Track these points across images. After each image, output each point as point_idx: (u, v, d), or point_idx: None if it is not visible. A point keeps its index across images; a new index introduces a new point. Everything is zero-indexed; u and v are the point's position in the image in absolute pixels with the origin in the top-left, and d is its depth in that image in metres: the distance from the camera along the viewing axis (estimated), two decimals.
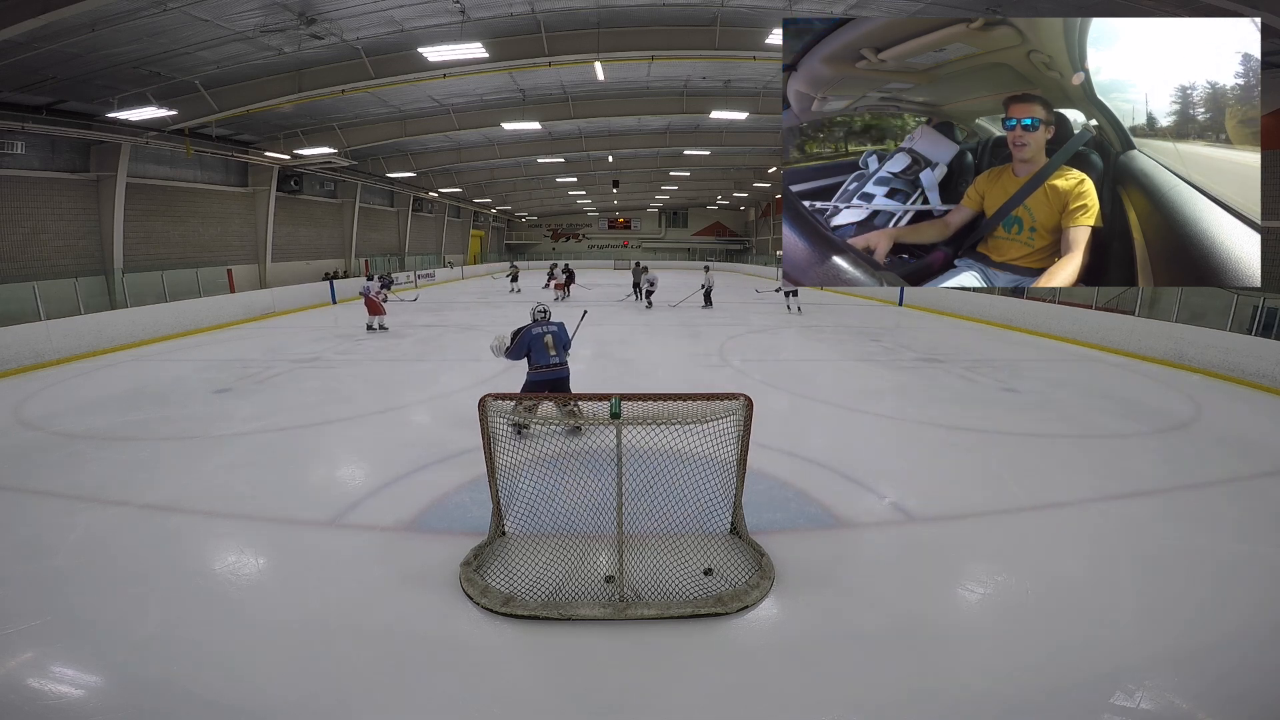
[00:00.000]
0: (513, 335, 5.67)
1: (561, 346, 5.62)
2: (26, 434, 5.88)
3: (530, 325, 5.66)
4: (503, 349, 5.68)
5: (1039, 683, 2.59)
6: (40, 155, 12.14)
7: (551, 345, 5.54)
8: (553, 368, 5.51)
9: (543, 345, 5.51)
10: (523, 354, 5.54)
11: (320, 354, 10.01)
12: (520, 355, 5.55)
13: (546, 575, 3.24)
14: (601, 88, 14.79)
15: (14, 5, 7.45)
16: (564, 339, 5.71)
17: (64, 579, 3.33)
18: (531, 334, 5.54)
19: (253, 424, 6.19)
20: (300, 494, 4.49)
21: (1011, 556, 3.65)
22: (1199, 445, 5.75)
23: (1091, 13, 7.85)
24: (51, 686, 2.55)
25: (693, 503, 3.48)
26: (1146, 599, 3.23)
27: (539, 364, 5.49)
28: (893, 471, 4.93)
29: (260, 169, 17.84)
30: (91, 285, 12.02)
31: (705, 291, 17.46)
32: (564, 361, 5.62)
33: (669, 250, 46.78)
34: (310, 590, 3.27)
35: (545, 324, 5.69)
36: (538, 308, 5.89)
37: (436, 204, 30.84)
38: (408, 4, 9.41)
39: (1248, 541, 3.86)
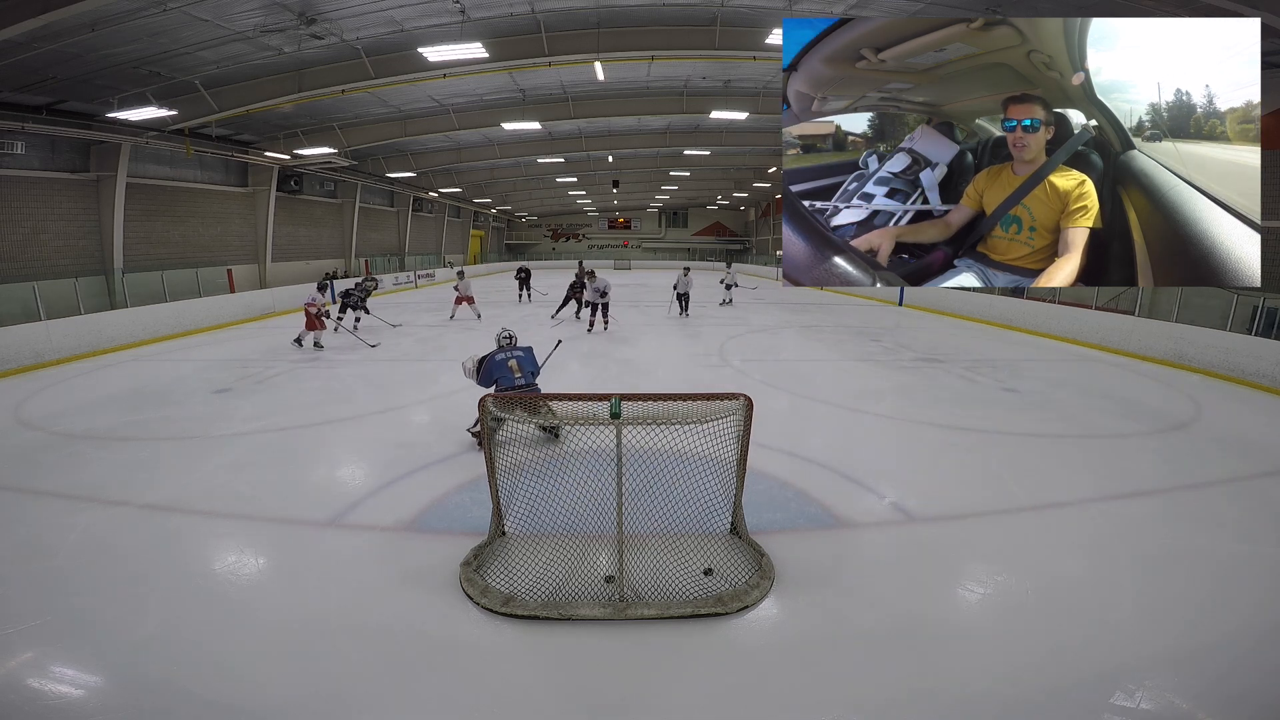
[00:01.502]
0: (478, 363, 5.42)
1: (529, 372, 5.41)
2: (26, 434, 5.87)
3: (495, 351, 5.47)
4: (474, 373, 5.41)
5: (1039, 683, 2.59)
6: (40, 155, 12.14)
7: (517, 369, 5.34)
8: (518, 388, 5.23)
9: (507, 369, 5.32)
10: (490, 382, 5.26)
11: (320, 354, 10.00)
12: (487, 383, 5.27)
13: (546, 575, 3.23)
14: (601, 88, 14.79)
15: (14, 5, 7.45)
16: (530, 364, 5.49)
17: (64, 579, 3.33)
18: (495, 360, 5.34)
19: (253, 424, 6.19)
20: (300, 494, 4.49)
21: (1011, 556, 3.65)
22: (1199, 445, 5.75)
23: (1091, 13, 7.84)
24: (51, 686, 2.55)
25: (693, 503, 3.48)
26: (1146, 599, 3.23)
27: (504, 386, 5.22)
28: (893, 471, 4.93)
29: (260, 169, 17.84)
30: (91, 285, 12.02)
31: (679, 296, 14.78)
32: (531, 383, 5.37)
33: (669, 250, 46.80)
34: (310, 590, 3.27)
35: (511, 349, 5.50)
36: (503, 333, 5.66)
37: (436, 204, 30.84)
38: (408, 4, 9.41)
39: (1248, 541, 3.86)
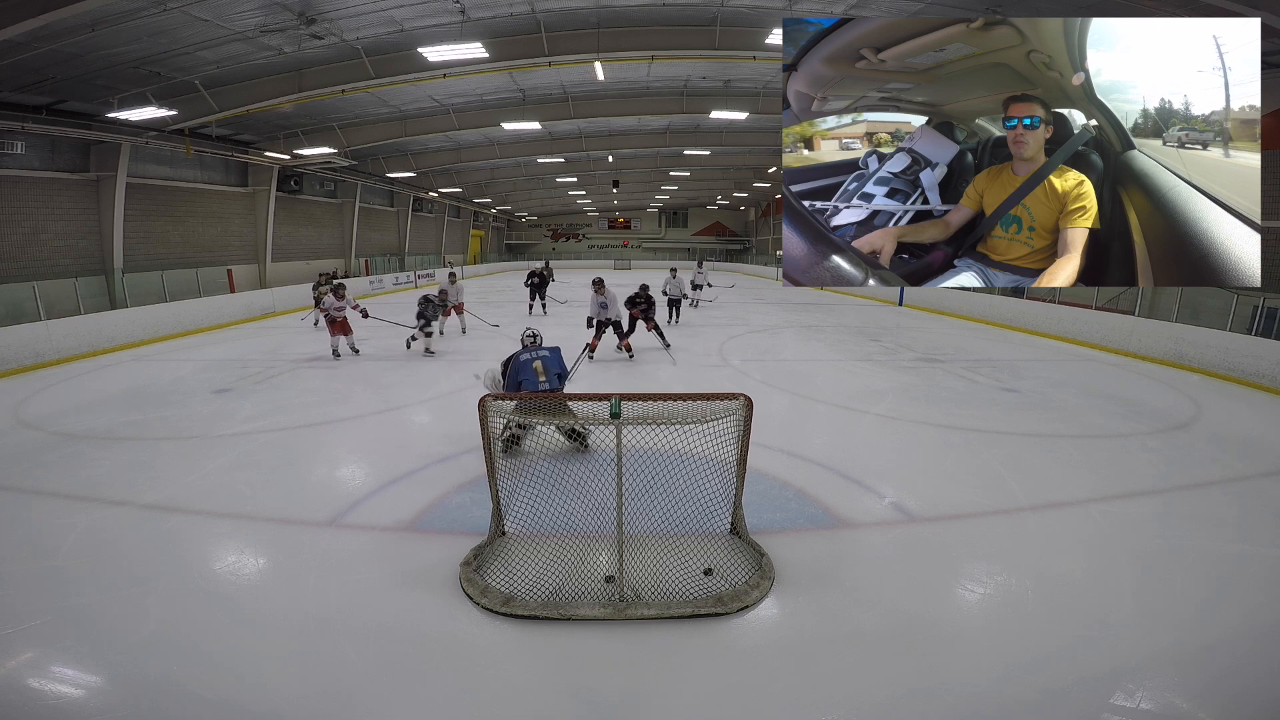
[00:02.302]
0: (503, 366, 5.19)
1: (554, 374, 5.06)
2: (26, 434, 5.88)
3: (519, 351, 5.17)
4: (498, 381, 5.12)
5: (1039, 682, 2.59)
6: (40, 155, 12.13)
7: (541, 370, 5.02)
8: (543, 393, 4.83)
9: (531, 371, 4.99)
10: (515, 385, 4.96)
11: (320, 354, 10.00)
12: (512, 388, 4.97)
13: (546, 575, 3.24)
14: (601, 88, 14.79)
15: (14, 5, 7.45)
16: (557, 365, 5.12)
17: (64, 579, 3.33)
18: (519, 360, 5.06)
19: (253, 424, 6.19)
20: (300, 494, 4.49)
21: (1011, 556, 3.65)
22: (1199, 445, 5.74)
23: (1091, 13, 7.84)
24: (51, 686, 2.55)
25: (693, 503, 3.49)
26: (1146, 599, 3.23)
27: (529, 390, 4.92)
28: (893, 471, 4.93)
29: (260, 169, 17.83)
30: (91, 285, 12.03)
31: (671, 303, 12.97)
32: (557, 387, 5.03)
33: (669, 250, 46.79)
34: (310, 590, 3.27)
35: (535, 349, 5.14)
36: (526, 332, 5.37)
37: (436, 204, 30.84)
38: (408, 4, 9.41)
39: (1247, 541, 3.86)
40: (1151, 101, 2.38)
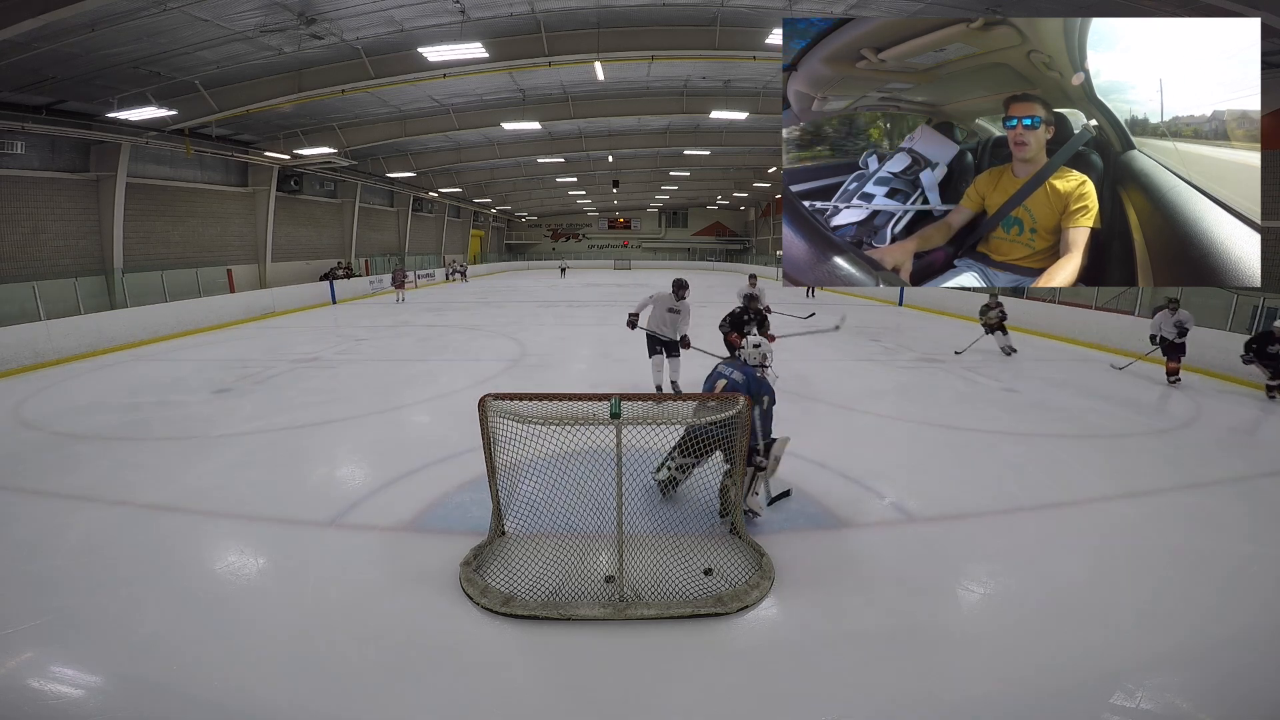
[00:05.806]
0: None
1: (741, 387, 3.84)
2: (26, 434, 5.87)
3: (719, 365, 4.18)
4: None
5: (1039, 683, 2.59)
6: (40, 155, 12.14)
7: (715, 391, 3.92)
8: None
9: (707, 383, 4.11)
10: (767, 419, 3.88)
11: (320, 354, 10.01)
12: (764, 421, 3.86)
13: (546, 575, 3.23)
14: (601, 88, 14.79)
15: (14, 5, 7.45)
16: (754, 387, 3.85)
17: (63, 579, 3.33)
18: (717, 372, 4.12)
19: (253, 424, 6.19)
20: (300, 494, 4.49)
21: (1012, 557, 3.64)
22: (1199, 445, 5.74)
23: (1091, 13, 7.84)
24: (51, 686, 2.55)
25: (693, 503, 3.49)
26: (1147, 599, 3.22)
27: None
28: (893, 471, 4.93)
29: (260, 169, 17.84)
30: (91, 285, 12.03)
31: None
32: None
33: (669, 250, 46.81)
34: (310, 590, 3.27)
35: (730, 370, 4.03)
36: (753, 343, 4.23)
37: (436, 204, 30.84)
38: (408, 4, 9.41)
39: (1250, 542, 3.86)
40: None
